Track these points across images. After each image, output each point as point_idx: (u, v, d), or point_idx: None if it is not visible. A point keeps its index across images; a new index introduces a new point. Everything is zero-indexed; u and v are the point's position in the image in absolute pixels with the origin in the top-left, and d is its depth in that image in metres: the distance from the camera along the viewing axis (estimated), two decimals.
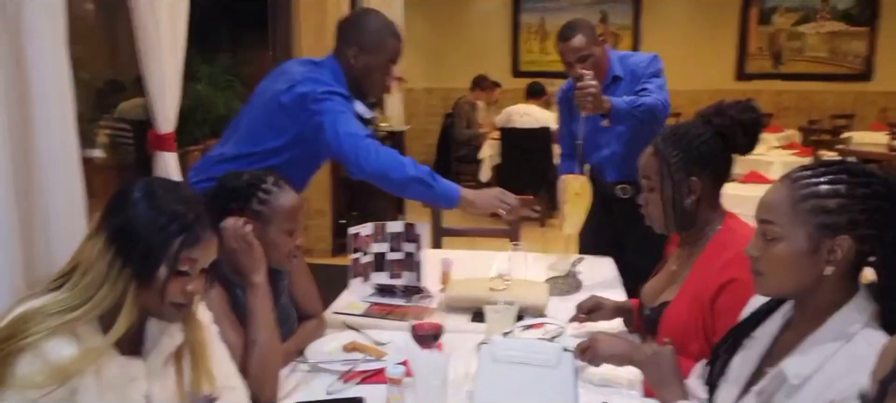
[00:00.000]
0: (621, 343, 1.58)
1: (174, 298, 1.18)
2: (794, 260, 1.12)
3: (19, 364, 1.06)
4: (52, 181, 1.92)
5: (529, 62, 8.20)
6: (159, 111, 2.59)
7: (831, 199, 1.09)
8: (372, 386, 1.57)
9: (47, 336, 1.07)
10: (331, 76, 2.13)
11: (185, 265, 1.17)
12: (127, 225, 1.15)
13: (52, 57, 1.90)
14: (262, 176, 1.60)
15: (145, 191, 1.18)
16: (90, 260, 1.14)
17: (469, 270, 2.34)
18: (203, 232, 1.18)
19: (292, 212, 1.60)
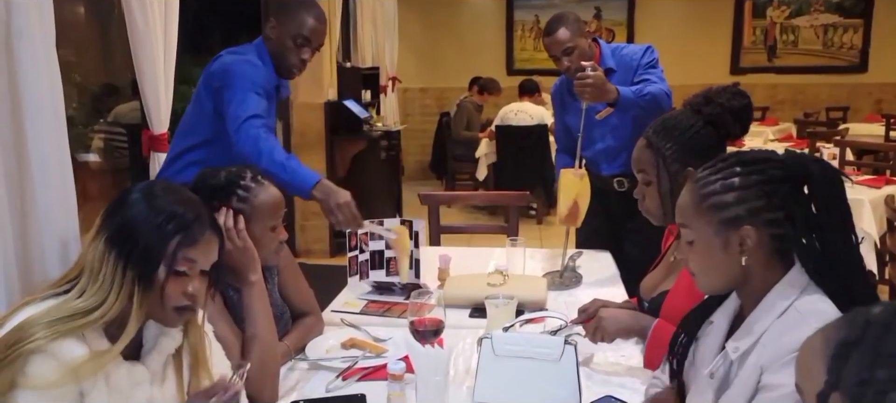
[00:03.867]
0: (626, 315, 1.58)
1: (175, 301, 1.16)
2: (711, 258, 1.14)
3: (31, 364, 1.05)
4: (45, 183, 1.89)
5: (524, 60, 8.18)
6: (153, 112, 2.58)
7: (727, 193, 1.11)
8: (372, 383, 1.56)
9: (57, 337, 1.07)
10: (251, 56, 2.16)
11: (183, 265, 1.15)
12: (126, 227, 1.15)
13: (42, 58, 1.88)
14: (240, 172, 1.58)
15: (144, 193, 1.18)
16: (93, 264, 1.14)
17: (467, 266, 2.33)
18: (201, 233, 1.17)
19: (274, 208, 1.59)
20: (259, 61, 2.16)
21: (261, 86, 2.10)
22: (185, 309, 1.19)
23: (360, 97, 5.43)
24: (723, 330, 1.19)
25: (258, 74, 2.11)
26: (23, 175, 1.85)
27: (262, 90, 2.11)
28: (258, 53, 2.19)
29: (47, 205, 1.89)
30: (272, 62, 2.19)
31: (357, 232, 2.16)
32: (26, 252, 1.87)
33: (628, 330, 1.64)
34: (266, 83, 2.15)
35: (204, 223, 1.18)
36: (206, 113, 2.15)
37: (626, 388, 1.53)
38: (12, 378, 1.04)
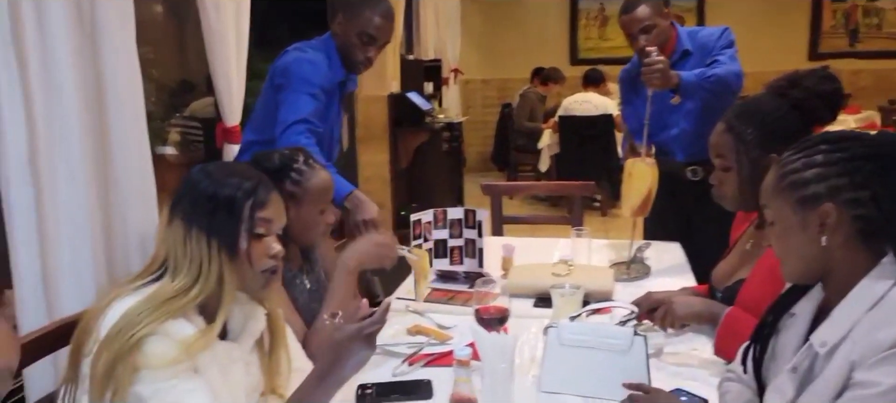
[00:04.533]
0: (697, 300, 1.55)
1: (261, 264, 1.21)
2: (791, 240, 1.11)
3: (148, 345, 1.09)
4: (126, 176, 1.99)
5: (588, 49, 8.05)
6: (226, 105, 2.66)
7: (807, 171, 1.08)
8: (437, 369, 1.57)
9: (166, 319, 1.12)
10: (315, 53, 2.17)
11: (261, 226, 1.20)
12: (199, 204, 1.19)
13: (123, 55, 1.97)
14: (292, 155, 1.64)
15: (204, 172, 1.23)
16: (176, 248, 1.18)
17: (530, 257, 2.31)
18: (268, 194, 1.22)
19: (324, 191, 1.64)
20: (323, 58, 2.18)
21: (318, 86, 2.12)
22: (272, 272, 1.23)
23: (422, 89, 5.46)
24: (806, 323, 1.14)
25: (317, 74, 2.13)
26: (106, 168, 1.95)
27: (319, 91, 2.13)
28: (325, 49, 2.22)
29: (129, 197, 1.98)
30: (339, 57, 2.21)
31: (420, 221, 2.18)
32: (109, 242, 1.97)
33: (699, 316, 1.61)
34: (326, 82, 2.16)
35: (267, 185, 1.24)
36: (271, 110, 2.18)
37: (697, 381, 1.49)
38: (134, 362, 1.09)
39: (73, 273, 1.79)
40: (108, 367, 1.09)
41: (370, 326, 1.15)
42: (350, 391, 1.47)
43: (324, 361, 1.16)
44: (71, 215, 1.80)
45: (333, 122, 2.33)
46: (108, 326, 1.12)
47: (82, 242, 1.83)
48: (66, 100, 1.78)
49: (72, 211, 1.80)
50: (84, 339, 1.15)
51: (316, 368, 1.18)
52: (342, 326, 1.16)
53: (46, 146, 1.74)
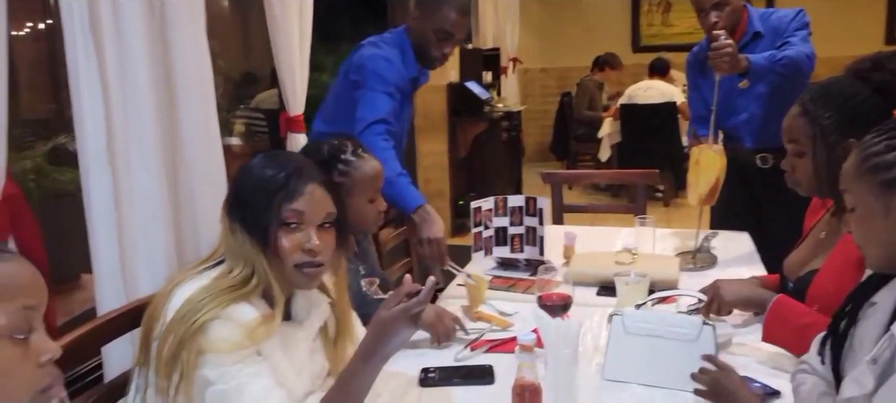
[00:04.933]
0: (745, 285, 1.51)
1: (293, 257, 1.20)
2: (872, 226, 1.07)
3: (212, 330, 1.13)
4: (196, 163, 2.05)
5: (651, 36, 7.85)
6: (289, 95, 2.72)
7: (890, 154, 1.04)
8: (499, 355, 1.57)
9: (228, 304, 1.15)
10: (390, 49, 2.16)
11: (291, 217, 1.19)
12: (238, 199, 1.23)
13: (192, 46, 2.03)
14: (341, 146, 1.64)
15: (247, 165, 1.25)
16: (229, 241, 1.22)
17: (592, 245, 2.28)
18: (301, 185, 1.21)
19: (372, 180, 1.64)
20: (397, 55, 2.17)
21: (394, 84, 2.12)
22: (307, 266, 1.21)
23: (480, 78, 5.45)
24: (888, 312, 1.09)
25: (393, 72, 2.13)
26: (176, 156, 2.02)
27: (395, 89, 2.12)
28: (400, 44, 2.20)
29: (199, 184, 2.04)
30: (414, 52, 2.20)
31: (480, 208, 2.18)
32: (180, 229, 2.04)
33: (747, 301, 1.59)
34: (401, 80, 2.16)
35: (303, 176, 1.22)
36: (345, 103, 2.19)
37: (767, 373, 1.45)
38: (199, 346, 1.12)
39: (147, 257, 1.86)
40: (174, 351, 1.13)
41: (415, 306, 1.13)
42: (414, 373, 1.49)
43: (367, 340, 1.16)
44: (145, 201, 1.87)
45: (405, 120, 2.32)
46: (173, 310, 1.16)
47: (156, 228, 1.90)
48: (140, 90, 1.85)
49: (146, 198, 1.87)
50: (152, 323, 1.20)
51: (360, 347, 1.18)
52: (387, 305, 1.15)
53: (122, 134, 1.82)
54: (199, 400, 1.15)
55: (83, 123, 1.73)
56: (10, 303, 0.79)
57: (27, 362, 0.79)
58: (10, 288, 0.80)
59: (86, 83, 1.72)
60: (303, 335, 1.29)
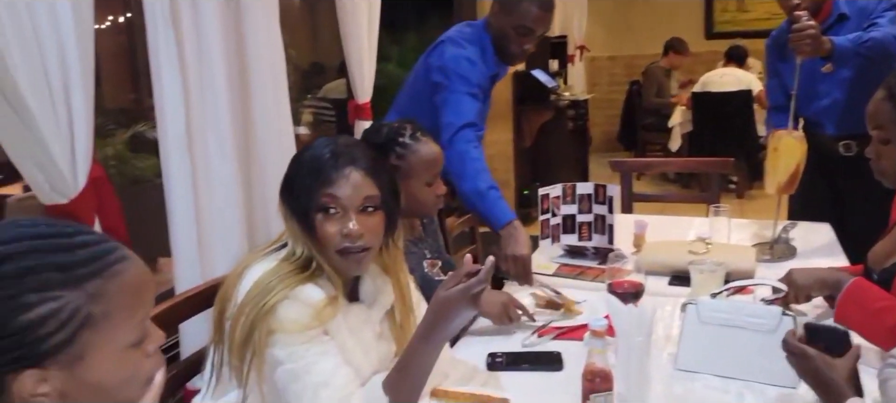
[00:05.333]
0: (819, 268, 1.46)
1: (333, 242, 1.20)
2: None
3: (282, 310, 1.15)
4: (269, 149, 2.11)
5: (725, 22, 7.56)
6: (358, 84, 2.76)
7: None
8: (567, 343, 1.56)
9: (296, 285, 1.17)
10: (472, 48, 2.11)
11: (327, 201, 1.19)
12: (285, 186, 1.24)
13: (266, 33, 2.08)
14: (401, 128, 1.62)
15: (300, 150, 1.26)
16: (286, 225, 1.24)
17: (663, 235, 2.22)
18: (337, 170, 1.19)
19: (429, 163, 1.62)
20: (478, 52, 2.13)
21: (477, 84, 2.08)
22: (350, 251, 1.20)
23: (547, 67, 5.38)
24: None
25: (476, 72, 2.08)
26: (249, 142, 2.08)
27: (479, 89, 2.08)
28: (479, 40, 2.16)
29: (270, 172, 2.10)
30: (493, 48, 2.16)
31: (548, 195, 2.15)
32: (252, 213, 2.10)
33: (822, 283, 1.53)
34: (483, 79, 2.12)
35: (340, 160, 1.20)
36: (423, 100, 2.15)
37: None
38: (269, 327, 1.15)
39: (223, 239, 1.93)
40: (246, 332, 1.16)
41: (475, 286, 1.11)
42: (480, 357, 1.49)
43: (426, 320, 1.15)
44: (221, 187, 1.94)
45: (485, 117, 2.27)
46: (244, 292, 1.18)
47: (231, 212, 1.96)
48: (217, 79, 1.91)
49: (222, 183, 1.94)
50: (225, 304, 1.23)
51: (419, 327, 1.17)
52: (447, 285, 1.14)
53: (199, 122, 1.88)
54: (271, 378, 1.18)
55: (164, 111, 1.80)
56: (139, 312, 0.78)
57: (141, 360, 0.79)
58: (141, 297, 0.78)
59: (166, 72, 1.79)
60: (370, 317, 1.30)
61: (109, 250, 0.76)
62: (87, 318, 0.72)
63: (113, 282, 0.74)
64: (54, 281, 0.71)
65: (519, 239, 1.88)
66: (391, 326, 1.35)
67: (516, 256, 1.86)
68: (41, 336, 0.70)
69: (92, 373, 0.74)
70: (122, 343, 0.76)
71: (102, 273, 0.74)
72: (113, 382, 0.76)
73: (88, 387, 0.74)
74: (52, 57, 1.49)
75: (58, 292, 0.71)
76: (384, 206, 1.24)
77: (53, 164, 1.50)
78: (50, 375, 0.71)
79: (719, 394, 1.33)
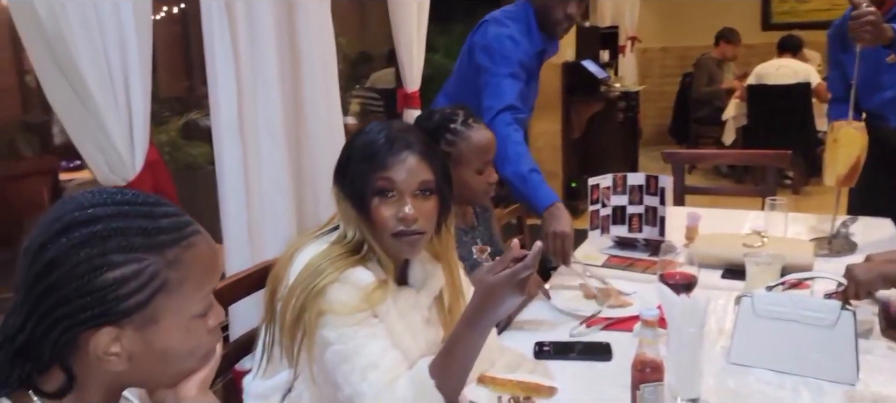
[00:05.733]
0: (880, 262, 1.40)
1: (389, 226, 1.20)
2: None
3: (332, 292, 1.16)
4: (319, 136, 2.14)
5: (783, 13, 7.32)
6: (407, 72, 2.77)
7: None
8: (616, 333, 1.53)
9: (346, 268, 1.18)
10: (514, 26, 2.09)
11: (383, 184, 1.19)
12: (340, 170, 1.25)
13: (318, 22, 2.10)
14: (453, 114, 1.61)
15: (354, 134, 1.26)
16: (339, 210, 1.25)
17: (717, 228, 2.17)
18: (394, 154, 1.20)
19: (480, 150, 1.60)
20: (522, 29, 2.11)
21: (518, 63, 2.06)
22: (405, 235, 1.20)
23: (597, 57, 5.30)
24: None
25: (518, 50, 2.07)
26: (300, 130, 2.11)
27: (520, 68, 2.06)
28: (524, 16, 2.14)
29: (319, 157, 2.13)
30: (537, 21, 2.14)
31: (599, 185, 2.12)
32: (302, 198, 2.13)
33: (884, 278, 1.46)
34: (526, 57, 2.10)
35: (397, 145, 1.20)
36: (469, 81, 2.15)
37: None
38: (319, 309, 1.17)
39: (272, 223, 1.96)
40: (296, 313, 1.17)
41: (522, 270, 1.09)
42: (528, 347, 1.48)
43: (472, 305, 1.13)
44: (271, 172, 1.97)
45: (531, 98, 2.26)
46: (294, 274, 1.20)
47: (280, 196, 1.99)
48: (269, 66, 1.94)
49: (272, 169, 1.97)
50: (276, 285, 1.24)
51: (465, 312, 1.15)
52: (493, 270, 1.12)
53: (251, 108, 1.91)
54: (320, 359, 1.19)
55: (217, 98, 1.84)
56: (208, 285, 0.81)
57: (204, 333, 0.82)
58: (211, 271, 0.82)
59: (220, 60, 1.82)
60: (418, 302, 1.30)
61: (187, 222, 0.80)
62: (164, 283, 0.76)
63: (189, 252, 0.78)
64: (138, 245, 0.75)
65: (561, 217, 1.87)
66: (439, 312, 1.35)
67: (557, 232, 1.84)
68: (122, 294, 0.74)
69: (161, 338, 0.78)
70: (191, 313, 0.80)
71: (180, 242, 0.78)
72: (178, 350, 0.80)
73: (155, 353, 0.78)
74: (113, 44, 1.54)
75: (140, 255, 0.75)
76: (438, 191, 1.24)
77: (112, 147, 1.55)
78: (124, 335, 0.75)
79: (774, 389, 1.29)
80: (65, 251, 0.73)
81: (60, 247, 0.73)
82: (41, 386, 0.76)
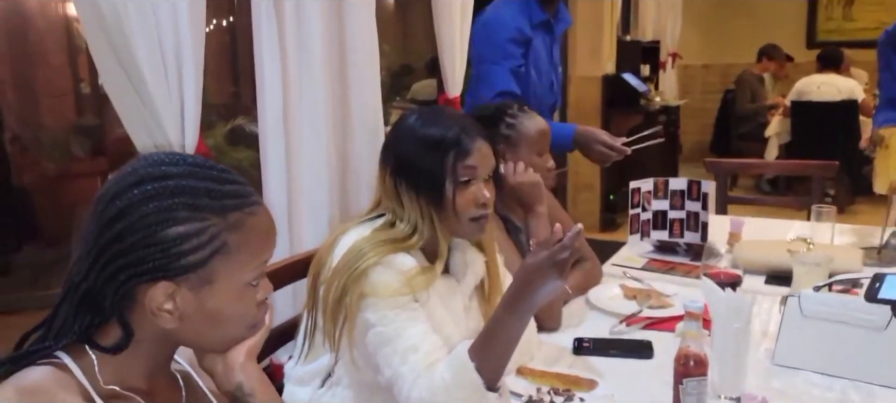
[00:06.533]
0: None
1: (469, 212, 1.23)
2: None
3: (374, 274, 1.18)
4: (362, 133, 2.17)
5: (829, 31, 7.18)
6: (449, 77, 2.79)
7: None
8: (657, 333, 1.52)
9: (388, 252, 1.20)
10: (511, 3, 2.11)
11: (465, 174, 1.22)
12: (406, 160, 1.25)
13: (364, 26, 2.14)
14: (508, 104, 1.67)
15: (407, 125, 1.27)
16: (393, 199, 1.25)
17: (761, 236, 2.13)
18: (472, 142, 1.23)
19: (539, 135, 1.64)
20: (511, 8, 2.11)
21: (505, 42, 2.06)
22: (481, 219, 1.25)
23: (638, 71, 5.28)
24: None
25: (503, 30, 2.06)
26: (345, 127, 2.14)
27: (512, 45, 2.06)
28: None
29: (363, 153, 2.16)
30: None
31: (640, 189, 2.11)
32: (344, 194, 2.16)
33: None
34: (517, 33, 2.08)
35: (471, 132, 1.24)
36: None
37: None
38: (361, 290, 1.18)
39: (312, 217, 2.00)
40: (338, 295, 1.19)
41: (560, 252, 1.08)
42: (567, 343, 1.47)
43: (512, 288, 1.14)
44: (313, 167, 2.00)
45: (548, 71, 2.24)
46: (338, 257, 1.22)
47: (321, 191, 2.03)
48: (315, 66, 1.98)
49: (315, 164, 2.01)
50: (319, 268, 1.27)
51: (506, 295, 1.15)
52: (534, 254, 1.12)
53: (296, 105, 1.95)
54: (361, 342, 1.21)
55: (264, 92, 1.88)
56: (263, 255, 0.84)
57: (254, 302, 0.84)
58: (268, 242, 0.84)
59: (268, 64, 1.87)
60: (459, 290, 1.31)
61: (251, 192, 0.83)
62: (223, 245, 0.78)
63: (250, 220, 0.81)
64: (203, 205, 0.77)
65: (590, 135, 2.05)
66: (480, 301, 1.35)
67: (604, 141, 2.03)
68: (183, 251, 0.76)
69: (214, 300, 0.80)
70: (244, 279, 0.82)
71: (243, 209, 0.80)
72: (228, 314, 0.82)
73: (206, 314, 0.80)
74: (168, 39, 1.59)
75: (205, 214, 0.77)
76: (495, 176, 1.29)
77: (164, 135, 1.60)
78: (179, 293, 0.78)
79: (822, 391, 1.27)
80: (134, 202, 0.76)
81: (130, 198, 0.76)
82: (98, 341, 0.79)
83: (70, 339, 0.78)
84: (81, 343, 0.78)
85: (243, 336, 0.87)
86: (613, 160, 2.06)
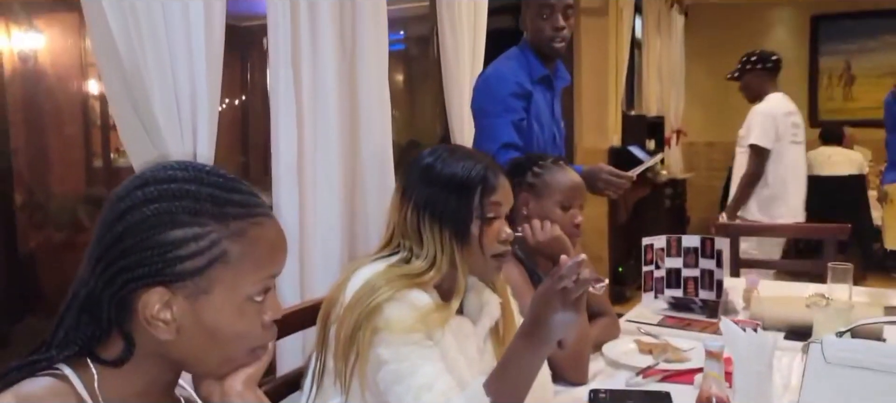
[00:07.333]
0: None
1: (492, 248, 1.23)
2: None
3: (388, 310, 1.15)
4: (372, 182, 2.18)
5: (830, 111, 7.28)
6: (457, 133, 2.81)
7: None
8: (675, 385, 1.47)
9: (403, 288, 1.18)
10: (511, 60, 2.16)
11: (492, 211, 1.22)
12: (431, 196, 1.23)
13: (376, 82, 2.18)
14: (543, 155, 1.69)
15: (432, 158, 1.26)
16: (413, 233, 1.23)
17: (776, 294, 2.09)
18: (497, 178, 1.24)
19: (568, 188, 1.62)
20: (511, 64, 2.15)
21: (506, 96, 2.08)
22: (502, 255, 1.25)
23: (644, 145, 5.33)
24: None
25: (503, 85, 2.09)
26: (355, 178, 2.15)
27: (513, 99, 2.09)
28: (518, 52, 2.19)
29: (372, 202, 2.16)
30: (532, 48, 2.17)
31: (652, 246, 2.09)
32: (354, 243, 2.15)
33: None
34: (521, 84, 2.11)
35: (495, 169, 1.25)
36: None
37: None
38: (374, 325, 1.15)
39: (324, 265, 1.98)
40: (351, 330, 1.16)
41: (560, 280, 1.06)
42: (583, 394, 1.43)
43: (527, 318, 1.12)
44: (326, 217, 2.00)
45: (550, 124, 2.26)
46: (351, 292, 1.19)
47: (333, 241, 2.02)
48: (329, 117, 2.01)
49: (327, 214, 2.00)
50: (331, 307, 1.24)
51: (521, 326, 1.13)
52: (543, 283, 1.11)
53: (310, 156, 1.97)
54: (373, 381, 1.16)
55: (278, 141, 1.90)
56: (268, 269, 0.79)
57: (257, 322, 0.80)
58: (274, 255, 0.80)
59: (283, 107, 1.89)
60: (474, 332, 1.28)
61: (258, 202, 0.81)
62: (223, 253, 0.75)
63: (254, 229, 0.78)
64: (205, 210, 0.75)
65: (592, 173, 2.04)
66: (495, 345, 1.32)
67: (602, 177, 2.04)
68: (180, 255, 0.74)
69: (211, 314, 0.76)
70: (245, 293, 0.78)
71: (247, 218, 0.78)
72: (227, 332, 0.78)
73: (203, 329, 0.77)
74: (184, 94, 1.62)
75: (206, 220, 0.75)
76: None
77: None
78: (175, 301, 0.75)
79: None
80: (136, 202, 0.75)
81: (133, 198, 0.75)
82: (100, 354, 0.76)
83: (72, 351, 0.75)
84: (83, 357, 0.76)
85: (244, 359, 0.81)
86: (620, 188, 2.09)
